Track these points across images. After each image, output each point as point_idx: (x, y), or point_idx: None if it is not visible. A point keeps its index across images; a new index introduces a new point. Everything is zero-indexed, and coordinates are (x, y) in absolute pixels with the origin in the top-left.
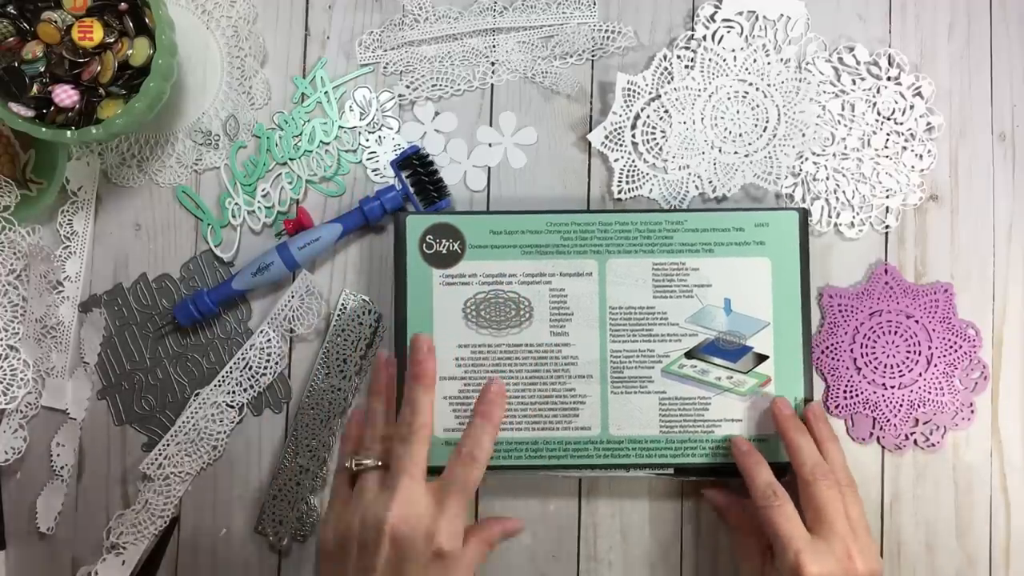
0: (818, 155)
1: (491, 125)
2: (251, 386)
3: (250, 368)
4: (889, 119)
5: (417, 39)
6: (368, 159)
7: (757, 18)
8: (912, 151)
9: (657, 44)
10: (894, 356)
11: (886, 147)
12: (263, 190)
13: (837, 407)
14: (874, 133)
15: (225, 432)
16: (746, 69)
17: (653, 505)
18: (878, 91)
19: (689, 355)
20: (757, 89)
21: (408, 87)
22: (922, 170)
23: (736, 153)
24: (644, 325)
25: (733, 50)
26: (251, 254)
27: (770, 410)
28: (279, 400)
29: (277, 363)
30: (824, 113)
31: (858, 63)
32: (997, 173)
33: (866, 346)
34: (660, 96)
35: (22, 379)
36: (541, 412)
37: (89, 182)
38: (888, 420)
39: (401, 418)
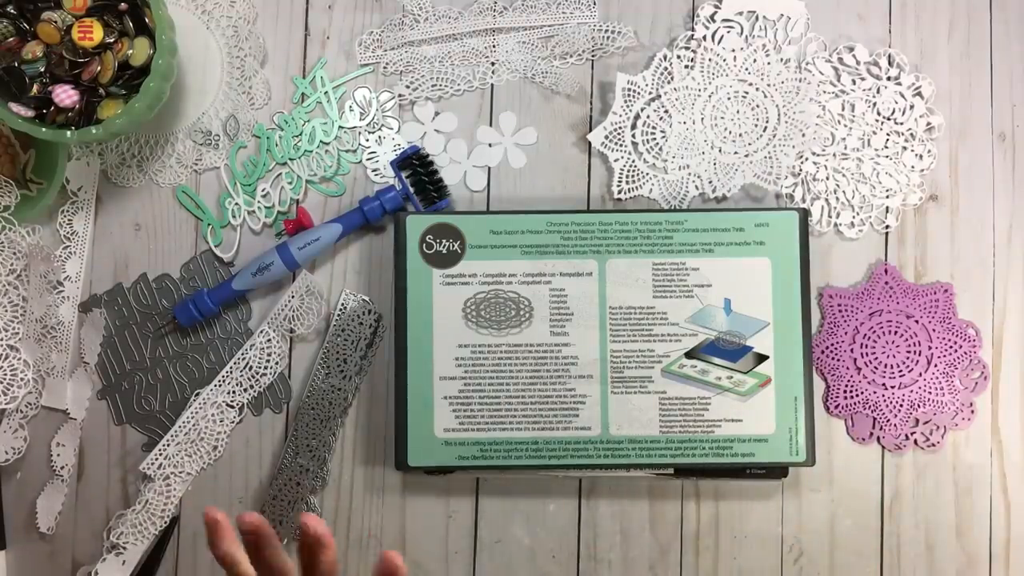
0: (818, 155)
1: (491, 125)
2: (251, 386)
3: (250, 368)
4: (889, 119)
5: (417, 39)
6: (368, 159)
7: (757, 18)
8: (912, 151)
9: (657, 44)
10: (894, 356)
11: (886, 147)
12: (263, 190)
13: (837, 407)
14: (874, 133)
15: (225, 432)
16: (746, 69)
17: (653, 505)
18: (878, 91)
19: (689, 355)
20: (757, 89)
21: (408, 87)
22: (922, 170)
23: (736, 153)
24: (644, 325)
25: (733, 50)
26: (251, 254)
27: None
28: (279, 400)
29: (277, 363)
30: (824, 113)
31: (858, 63)
32: (997, 173)
33: (866, 346)
34: (660, 96)
35: (22, 379)
36: (541, 412)
37: (89, 182)
38: (888, 420)
39: None
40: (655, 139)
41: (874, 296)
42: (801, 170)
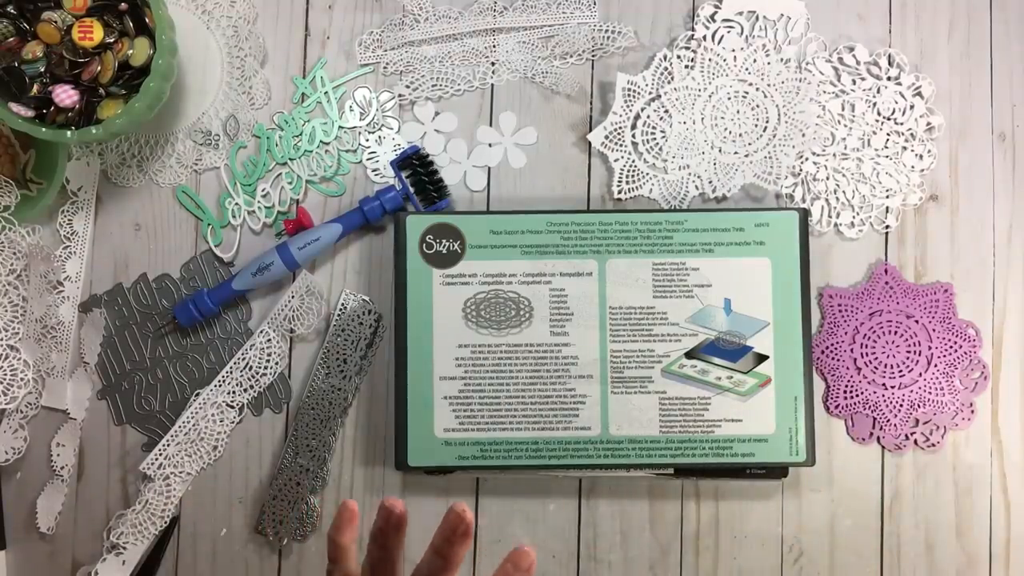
0: (818, 155)
1: (491, 125)
2: (251, 386)
3: (250, 368)
4: (889, 119)
5: (417, 39)
6: (368, 159)
7: (757, 18)
8: (912, 151)
9: (657, 44)
10: (894, 356)
11: (886, 147)
12: (263, 190)
13: (837, 407)
14: (874, 133)
15: (225, 432)
16: (746, 69)
17: (653, 505)
18: (878, 91)
19: (689, 355)
20: (757, 89)
21: (408, 87)
22: (922, 170)
23: (736, 153)
24: (644, 325)
25: (733, 50)
26: (251, 254)
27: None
28: (279, 400)
29: (277, 363)
30: (824, 113)
31: (858, 63)
32: (997, 173)
33: (866, 346)
34: (660, 96)
35: (22, 379)
36: (541, 412)
37: (89, 182)
38: (888, 420)
39: None
40: (655, 139)
41: (874, 296)
42: (801, 170)
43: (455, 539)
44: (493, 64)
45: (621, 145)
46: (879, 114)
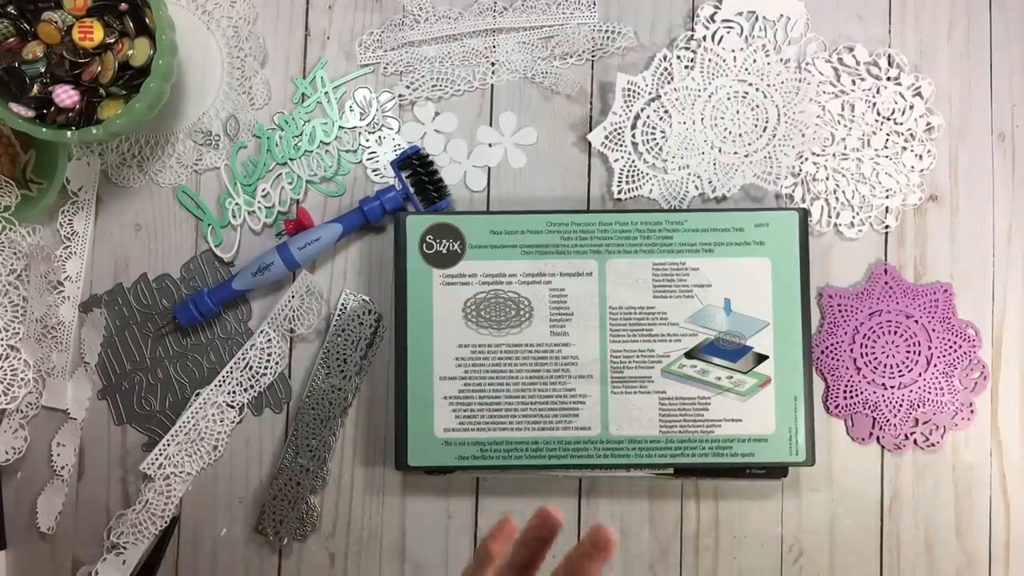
0: (818, 155)
1: (491, 125)
2: (251, 386)
3: (250, 368)
4: (889, 119)
5: (417, 39)
6: (368, 159)
7: (757, 18)
8: (912, 151)
9: (657, 44)
10: (894, 356)
11: (886, 147)
12: (263, 190)
13: (837, 407)
14: (874, 133)
15: (225, 432)
16: (746, 69)
17: (653, 505)
18: (878, 91)
19: (689, 355)
20: (757, 89)
21: (408, 87)
22: (922, 170)
23: (736, 153)
24: (644, 325)
25: (733, 50)
26: (251, 254)
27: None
28: (279, 400)
29: (277, 363)
30: (824, 113)
31: (858, 63)
32: (997, 173)
33: (866, 346)
34: (660, 96)
35: (22, 379)
36: (541, 412)
37: (89, 182)
38: (888, 420)
39: None
40: (655, 139)
41: (874, 296)
42: (801, 170)
43: (595, 554)
44: (493, 64)
45: (621, 145)
46: (879, 114)
